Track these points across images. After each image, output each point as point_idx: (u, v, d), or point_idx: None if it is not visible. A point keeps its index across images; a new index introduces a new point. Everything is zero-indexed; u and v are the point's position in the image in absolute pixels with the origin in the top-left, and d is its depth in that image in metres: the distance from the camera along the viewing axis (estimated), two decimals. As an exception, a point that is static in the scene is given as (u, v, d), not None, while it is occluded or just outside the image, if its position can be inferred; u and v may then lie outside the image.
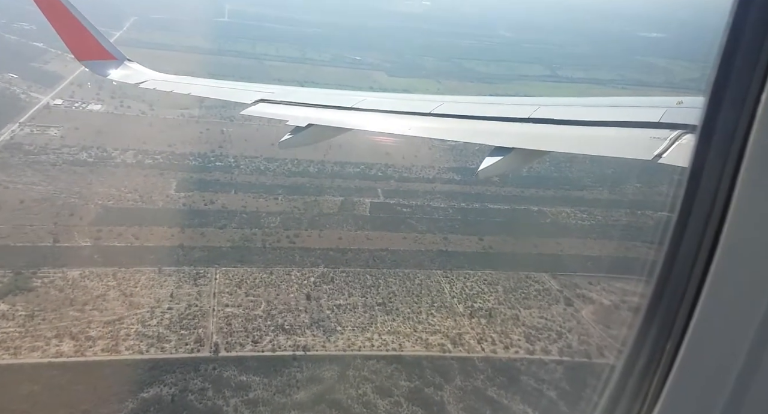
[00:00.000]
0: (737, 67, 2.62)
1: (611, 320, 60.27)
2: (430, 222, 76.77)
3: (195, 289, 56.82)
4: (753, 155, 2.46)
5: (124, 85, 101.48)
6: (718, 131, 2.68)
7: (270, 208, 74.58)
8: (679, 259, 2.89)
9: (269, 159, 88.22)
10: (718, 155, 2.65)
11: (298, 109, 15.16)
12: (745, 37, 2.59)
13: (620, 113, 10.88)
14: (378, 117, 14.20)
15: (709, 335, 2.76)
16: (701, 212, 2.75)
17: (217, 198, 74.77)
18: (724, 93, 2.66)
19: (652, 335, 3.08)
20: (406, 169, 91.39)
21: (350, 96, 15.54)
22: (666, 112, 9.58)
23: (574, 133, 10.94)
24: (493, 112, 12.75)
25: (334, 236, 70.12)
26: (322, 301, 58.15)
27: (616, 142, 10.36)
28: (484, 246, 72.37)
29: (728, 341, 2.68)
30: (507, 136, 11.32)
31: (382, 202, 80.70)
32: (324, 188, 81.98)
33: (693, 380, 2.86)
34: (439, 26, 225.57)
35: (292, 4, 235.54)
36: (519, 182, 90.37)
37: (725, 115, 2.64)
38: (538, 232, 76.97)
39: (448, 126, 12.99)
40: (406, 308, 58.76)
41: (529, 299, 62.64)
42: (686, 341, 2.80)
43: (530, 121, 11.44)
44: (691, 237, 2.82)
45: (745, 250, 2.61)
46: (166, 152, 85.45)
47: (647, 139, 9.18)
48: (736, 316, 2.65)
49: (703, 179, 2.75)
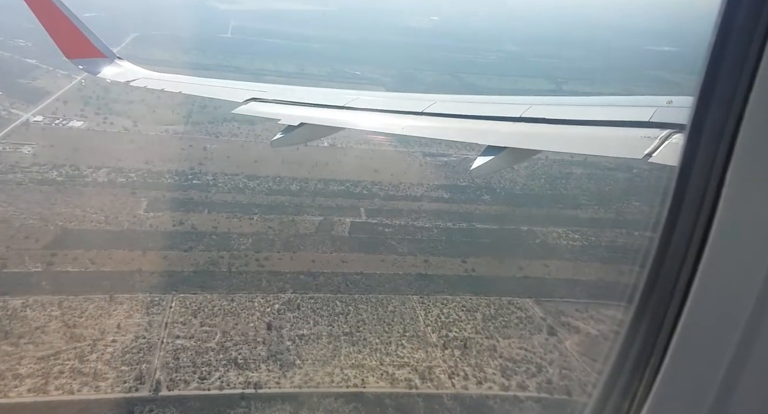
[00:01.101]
0: (725, 67, 2.61)
1: (597, 352, 55.13)
2: (412, 243, 71.88)
3: (146, 319, 52.25)
4: (741, 154, 2.47)
5: (111, 101, 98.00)
6: (707, 130, 2.68)
7: (243, 228, 69.99)
8: (669, 257, 2.87)
9: (250, 177, 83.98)
10: (706, 154, 2.65)
11: (291, 108, 14.89)
12: (733, 38, 2.57)
13: (611, 112, 10.84)
14: (370, 116, 14.05)
15: (697, 333, 2.76)
16: (690, 210, 2.74)
17: (188, 218, 70.32)
18: (712, 92, 2.66)
19: (642, 334, 3.04)
20: (393, 186, 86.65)
21: (343, 95, 15.17)
22: (656, 112, 9.58)
23: (566, 132, 10.90)
24: (486, 112, 12.64)
25: (308, 259, 65.38)
26: (283, 331, 53.40)
27: (607, 141, 10.35)
28: (466, 269, 67.39)
29: (716, 340, 2.67)
30: (499, 135, 11.27)
31: (364, 221, 75.92)
32: (304, 207, 77.33)
33: (681, 379, 2.84)
34: (445, 41, 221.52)
35: (300, 20, 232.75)
36: (510, 201, 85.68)
37: (714, 114, 2.63)
38: (525, 253, 71.86)
39: (441, 125, 12.84)
40: (374, 338, 53.91)
41: (510, 328, 57.57)
42: (675, 340, 2.79)
43: (522, 121, 11.36)
44: (680, 235, 2.81)
45: (734, 248, 2.60)
46: (142, 170, 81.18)
47: (638, 138, 9.18)
48: (725, 315, 2.63)
49: (692, 178, 2.76)
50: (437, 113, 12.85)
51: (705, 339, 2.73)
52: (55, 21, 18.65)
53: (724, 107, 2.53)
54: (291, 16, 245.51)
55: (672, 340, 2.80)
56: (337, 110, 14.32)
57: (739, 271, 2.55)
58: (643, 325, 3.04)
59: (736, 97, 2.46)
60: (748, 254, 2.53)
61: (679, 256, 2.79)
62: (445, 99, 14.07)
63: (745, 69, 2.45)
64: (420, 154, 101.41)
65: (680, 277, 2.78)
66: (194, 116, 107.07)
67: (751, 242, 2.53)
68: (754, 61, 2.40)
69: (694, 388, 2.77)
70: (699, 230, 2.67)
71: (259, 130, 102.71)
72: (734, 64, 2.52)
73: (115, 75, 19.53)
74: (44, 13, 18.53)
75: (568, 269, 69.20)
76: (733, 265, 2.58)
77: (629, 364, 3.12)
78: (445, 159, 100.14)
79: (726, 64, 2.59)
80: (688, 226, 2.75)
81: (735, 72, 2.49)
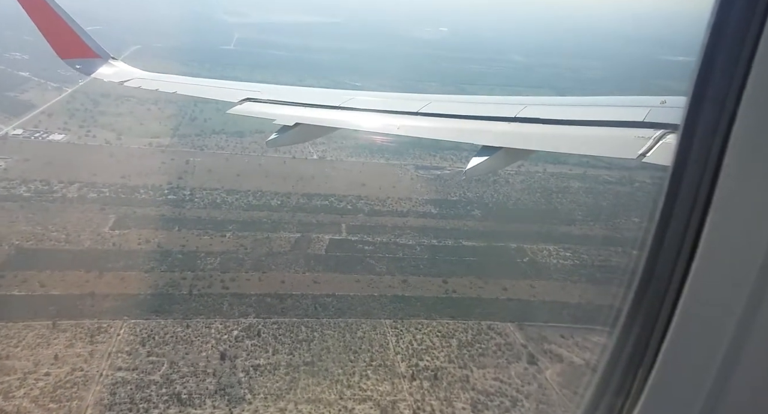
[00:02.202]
0: (718, 67, 2.60)
1: (580, 384, 49.90)
2: (392, 262, 67.04)
3: (88, 349, 47.75)
4: (733, 153, 2.48)
5: (99, 113, 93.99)
6: (700, 130, 2.68)
7: (213, 247, 65.41)
8: (662, 257, 2.87)
9: (230, 191, 79.53)
10: (699, 154, 2.66)
11: (286, 108, 14.61)
12: (726, 38, 2.57)
13: (605, 112, 10.65)
14: (366, 116, 13.75)
15: (690, 333, 2.76)
16: (683, 210, 2.74)
17: (155, 236, 65.87)
18: (705, 93, 2.66)
19: (635, 333, 3.03)
20: (380, 201, 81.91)
21: (338, 95, 14.72)
22: (650, 112, 9.46)
23: (561, 132, 10.71)
24: (481, 112, 12.47)
25: (277, 280, 60.74)
26: (238, 360, 48.72)
27: (601, 141, 10.20)
28: (447, 290, 62.51)
29: (708, 338, 2.65)
30: (494, 135, 11.06)
31: (343, 238, 71.15)
32: (282, 223, 72.69)
33: (674, 378, 2.84)
34: (452, 52, 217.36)
35: (307, 32, 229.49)
36: (502, 216, 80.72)
37: (706, 114, 2.63)
38: (511, 273, 66.82)
39: (436, 125, 12.50)
40: (337, 368, 49.12)
41: (486, 356, 52.59)
42: (668, 339, 2.79)
43: (517, 121, 11.14)
44: (673, 235, 2.81)
45: (726, 246, 2.60)
46: (117, 185, 76.96)
47: (632, 138, 9.03)
48: (717, 313, 2.62)
49: (685, 177, 2.76)
50: (432, 113, 12.60)
51: (698, 337, 2.70)
52: (48, 21, 18.21)
53: (717, 107, 2.52)
54: (299, 28, 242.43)
55: (665, 339, 2.78)
56: (333, 110, 13.99)
57: (732, 269, 2.54)
58: (637, 324, 3.00)
59: (729, 97, 2.44)
60: (741, 253, 2.51)
61: (672, 254, 2.76)
62: (441, 99, 13.70)
63: (737, 69, 2.41)
64: (412, 167, 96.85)
65: (673, 276, 2.76)
66: (182, 129, 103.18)
67: (744, 240, 2.50)
68: (746, 62, 2.38)
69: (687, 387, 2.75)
70: (692, 229, 2.65)
71: (247, 143, 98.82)
72: (726, 65, 2.50)
73: (109, 75, 18.85)
74: (38, 13, 18.06)
75: (556, 290, 64.10)
76: (726, 263, 2.56)
77: (623, 363, 3.08)
78: (438, 172, 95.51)
79: (718, 65, 2.57)
80: (680, 224, 2.73)
81: (727, 72, 2.47)
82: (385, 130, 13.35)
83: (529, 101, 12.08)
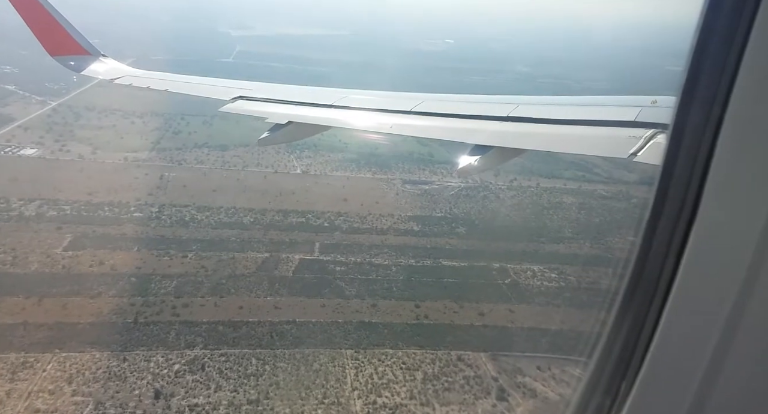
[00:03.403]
0: (707, 67, 2.61)
1: (553, 423, 44.31)
2: (364, 284, 61.73)
3: (5, 388, 42.56)
4: (722, 153, 2.47)
5: (79, 127, 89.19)
6: (689, 130, 2.67)
7: (171, 269, 60.32)
8: (651, 255, 2.85)
9: (201, 208, 74.47)
10: (688, 153, 2.65)
11: (278, 106, 14.29)
12: (715, 39, 2.57)
13: (597, 112, 10.62)
14: (359, 114, 13.50)
15: (678, 332, 2.74)
16: (672, 209, 2.73)
17: (111, 257, 60.82)
18: (694, 92, 2.66)
19: (623, 332, 3.02)
20: (360, 218, 76.65)
21: (331, 93, 14.44)
22: (641, 111, 9.41)
23: (552, 131, 10.57)
24: (473, 111, 12.21)
25: (235, 305, 55.56)
26: (174, 399, 43.54)
27: (592, 140, 10.05)
28: (418, 315, 57.11)
29: (696, 339, 2.65)
30: (486, 134, 10.96)
31: (315, 259, 65.88)
32: (251, 242, 67.52)
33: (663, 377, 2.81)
34: (455, 63, 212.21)
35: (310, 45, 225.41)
36: (488, 234, 75.21)
37: (695, 114, 2.63)
38: (491, 296, 61.35)
39: (429, 124, 12.27)
40: (284, 408, 43.90)
41: (452, 391, 47.21)
42: (656, 338, 2.78)
43: (509, 120, 11.03)
44: (663, 233, 2.79)
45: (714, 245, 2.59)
46: (80, 202, 72.10)
47: (623, 137, 8.93)
48: (705, 313, 2.63)
49: (674, 176, 2.75)
50: (425, 112, 12.36)
51: (686, 337, 2.69)
52: (38, 17, 17.86)
53: (706, 107, 2.51)
54: (302, 40, 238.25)
55: (653, 339, 2.77)
56: (325, 109, 13.73)
57: (720, 268, 2.53)
58: (625, 324, 2.98)
59: (717, 97, 2.45)
60: (729, 252, 2.51)
61: (661, 253, 2.75)
62: (434, 98, 13.32)
63: (726, 69, 2.42)
64: (399, 181, 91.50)
65: (662, 275, 2.75)
66: (164, 142, 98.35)
67: (732, 240, 2.50)
68: (735, 62, 2.39)
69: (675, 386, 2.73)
70: (681, 228, 2.64)
71: (228, 157, 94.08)
72: (715, 65, 2.50)
73: (99, 73, 18.65)
74: (27, 10, 17.64)
75: (537, 316, 58.56)
76: (714, 263, 2.56)
77: (611, 363, 3.06)
78: (426, 187, 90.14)
79: (707, 65, 2.58)
80: (669, 224, 2.71)
81: (716, 72, 2.47)
82: (377, 128, 13.10)
83: (521, 100, 11.86)
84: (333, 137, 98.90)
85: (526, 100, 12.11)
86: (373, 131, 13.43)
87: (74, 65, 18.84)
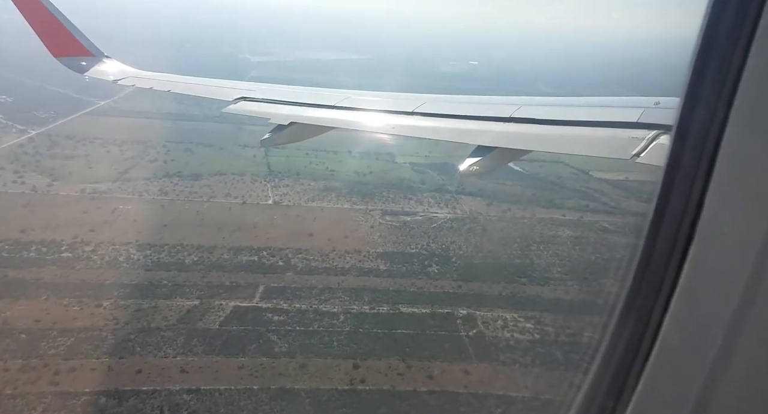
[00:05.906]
0: (711, 68, 2.52)
1: None
2: (301, 337, 51.62)
3: None
4: (725, 154, 2.41)
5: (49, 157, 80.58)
6: (693, 131, 2.60)
7: (75, 321, 50.85)
8: (654, 257, 2.75)
9: (142, 246, 65.13)
10: (692, 155, 2.58)
11: (281, 107, 13.96)
12: (719, 40, 2.50)
13: (600, 113, 10.30)
14: (361, 115, 13.09)
15: (683, 332, 2.65)
16: (676, 210, 2.64)
17: (10, 308, 51.69)
18: (698, 93, 2.58)
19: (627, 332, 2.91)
20: (321, 255, 66.49)
21: (333, 94, 14.09)
22: (644, 113, 9.20)
23: (555, 132, 10.36)
24: (476, 112, 11.93)
25: (133, 368, 45.66)
26: None
27: (595, 141, 9.80)
28: (354, 378, 47.05)
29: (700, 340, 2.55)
30: (489, 135, 10.69)
31: (251, 306, 55.89)
32: (185, 287, 57.84)
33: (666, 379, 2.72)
34: (476, 84, 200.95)
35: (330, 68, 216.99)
36: (462, 273, 64.45)
37: (699, 115, 2.55)
38: (448, 352, 51.00)
39: (431, 125, 12.02)
40: None
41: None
42: (660, 339, 2.68)
43: (512, 121, 10.81)
44: (666, 235, 2.69)
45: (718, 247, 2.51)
46: (7, 241, 63.10)
47: (626, 138, 8.76)
48: (709, 315, 2.53)
49: (678, 178, 2.66)
50: (428, 113, 12.15)
51: (689, 339, 2.61)
52: (41, 19, 17.50)
53: (710, 108, 2.44)
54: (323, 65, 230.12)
55: (657, 340, 2.68)
56: (328, 109, 13.40)
57: (724, 270, 2.46)
58: (629, 325, 2.90)
59: (721, 98, 2.38)
60: (733, 254, 2.43)
61: (664, 255, 2.66)
62: (436, 99, 13.09)
63: (730, 70, 2.35)
64: (379, 212, 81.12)
65: (665, 277, 2.65)
66: (133, 172, 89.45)
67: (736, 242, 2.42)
68: (740, 62, 2.32)
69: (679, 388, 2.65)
70: (684, 230, 2.57)
71: (198, 187, 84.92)
72: (719, 66, 2.43)
73: (102, 73, 18.09)
74: (31, 12, 17.26)
75: (498, 379, 47.41)
76: (718, 265, 2.48)
77: (614, 364, 2.97)
78: (408, 218, 79.66)
79: (711, 66, 2.50)
80: (673, 226, 2.62)
81: (720, 73, 2.40)
82: (380, 129, 12.89)
83: (524, 101, 11.64)
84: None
85: (528, 101, 11.72)
86: (375, 132, 13.05)
87: (77, 66, 18.32)
